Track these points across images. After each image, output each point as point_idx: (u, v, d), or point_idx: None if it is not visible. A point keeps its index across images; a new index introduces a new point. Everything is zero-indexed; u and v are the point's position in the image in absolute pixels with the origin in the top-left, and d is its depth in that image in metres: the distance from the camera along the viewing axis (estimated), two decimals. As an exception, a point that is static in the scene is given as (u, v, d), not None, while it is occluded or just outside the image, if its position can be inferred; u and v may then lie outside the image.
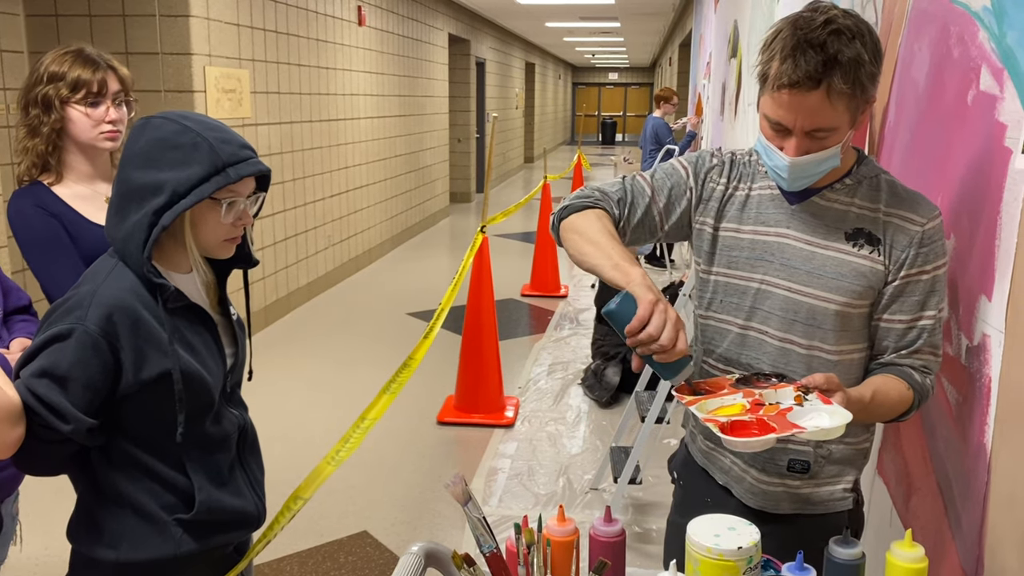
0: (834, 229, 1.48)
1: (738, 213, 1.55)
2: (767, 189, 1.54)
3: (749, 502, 1.60)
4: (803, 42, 1.32)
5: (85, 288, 1.39)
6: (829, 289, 1.46)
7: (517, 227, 11.00)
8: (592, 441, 4.28)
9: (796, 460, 1.55)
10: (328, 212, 7.33)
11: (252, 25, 5.78)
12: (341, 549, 3.22)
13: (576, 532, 1.32)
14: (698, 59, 9.37)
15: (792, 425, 1.26)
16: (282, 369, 5.24)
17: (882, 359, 1.52)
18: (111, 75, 2.01)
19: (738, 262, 1.53)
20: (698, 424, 1.65)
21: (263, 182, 1.51)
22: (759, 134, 1.48)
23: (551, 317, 6.65)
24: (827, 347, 1.49)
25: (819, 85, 1.32)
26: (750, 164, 1.58)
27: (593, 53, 24.22)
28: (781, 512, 1.58)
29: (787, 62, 1.33)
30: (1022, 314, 1.36)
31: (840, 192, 1.49)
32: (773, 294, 1.50)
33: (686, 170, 1.59)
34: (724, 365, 1.57)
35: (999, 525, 1.41)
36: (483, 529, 1.28)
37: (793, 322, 1.49)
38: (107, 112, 1.99)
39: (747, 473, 1.59)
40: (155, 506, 1.46)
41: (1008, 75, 1.43)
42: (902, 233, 1.45)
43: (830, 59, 1.31)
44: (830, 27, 1.32)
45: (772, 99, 1.39)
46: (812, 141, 1.39)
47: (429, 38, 10.53)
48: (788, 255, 1.49)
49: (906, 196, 1.48)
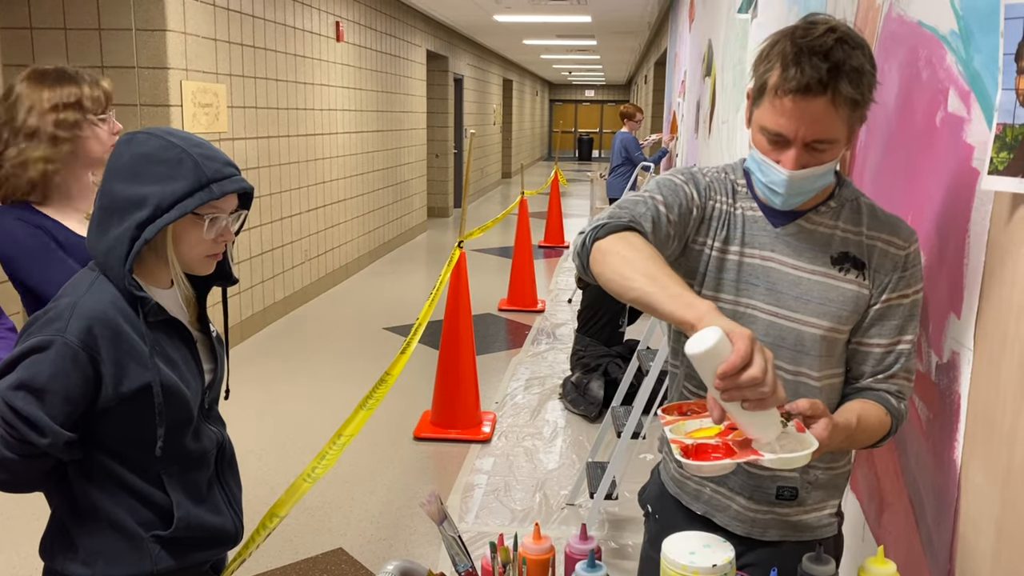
0: (820, 253, 1.45)
1: (728, 233, 1.50)
2: (749, 210, 1.50)
3: (736, 529, 1.56)
4: (807, 49, 1.29)
5: (65, 300, 1.38)
6: (816, 315, 1.44)
7: (495, 242, 11.02)
8: (569, 456, 4.29)
9: (784, 487, 1.52)
10: (305, 226, 7.31)
11: (229, 40, 5.77)
12: (316, 566, 3.20)
13: (552, 550, 1.32)
14: (673, 77, 9.46)
15: (752, 452, 1.21)
16: (258, 384, 5.20)
17: (858, 384, 1.50)
18: (99, 88, 1.99)
19: (724, 284, 1.48)
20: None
21: (246, 200, 1.52)
22: (751, 150, 1.44)
23: (528, 332, 6.66)
24: (813, 373, 1.47)
25: (825, 91, 1.28)
26: (729, 183, 1.54)
27: (570, 70, 24.36)
28: (768, 539, 1.56)
29: (791, 69, 1.29)
30: (991, 331, 1.38)
31: (825, 215, 1.46)
32: (758, 319, 1.47)
33: (688, 185, 1.50)
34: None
35: (970, 541, 1.43)
36: (458, 548, 1.28)
37: (779, 348, 1.45)
38: (114, 124, 1.98)
39: (733, 501, 1.55)
40: (132, 522, 1.45)
41: (975, 97, 1.46)
42: (886, 257, 1.45)
43: (836, 65, 1.28)
44: (834, 35, 1.29)
45: (773, 107, 1.34)
46: (811, 154, 1.35)
47: (407, 54, 10.56)
48: (774, 279, 1.46)
49: (886, 219, 1.48)
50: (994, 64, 1.39)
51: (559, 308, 7.42)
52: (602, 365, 4.88)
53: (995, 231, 1.38)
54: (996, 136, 1.32)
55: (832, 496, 1.58)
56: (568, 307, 7.44)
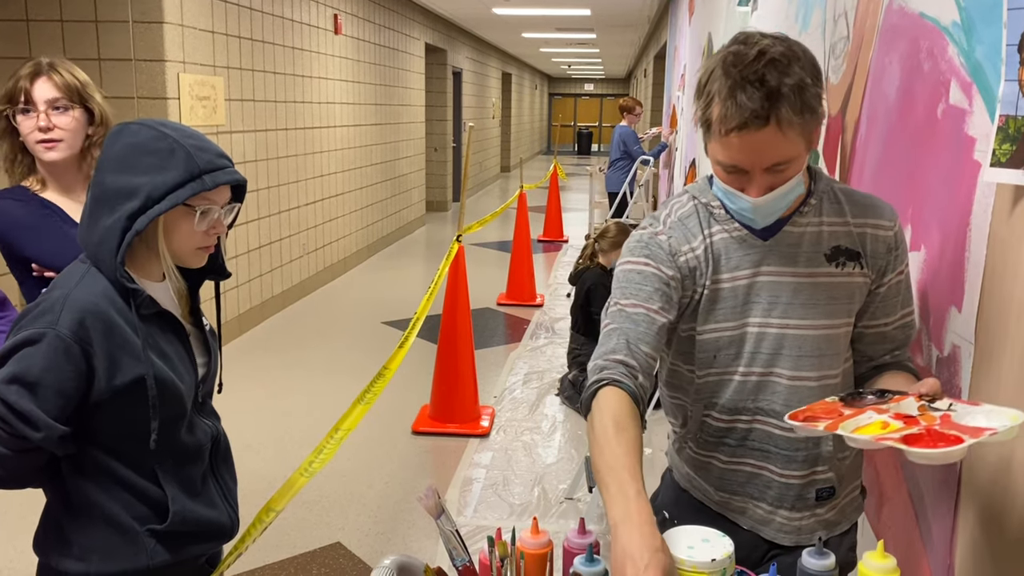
0: (814, 254, 1.44)
1: (713, 266, 1.45)
2: (732, 232, 1.45)
3: (784, 541, 1.53)
4: (740, 80, 1.25)
5: (57, 293, 1.37)
6: (828, 315, 1.43)
7: (493, 236, 11.00)
8: (567, 450, 4.28)
9: (823, 488, 1.51)
10: (303, 220, 7.30)
11: (227, 32, 5.74)
12: (314, 561, 3.19)
13: (550, 544, 1.31)
14: (673, 71, 9.44)
15: (979, 429, 1.14)
16: (255, 378, 5.19)
17: (873, 363, 1.53)
18: (42, 82, 1.96)
19: (724, 313, 1.45)
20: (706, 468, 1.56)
21: (239, 193, 1.50)
22: (715, 180, 1.42)
23: (527, 326, 6.65)
24: (834, 372, 1.47)
25: (767, 122, 1.25)
26: (699, 212, 1.48)
27: (569, 64, 24.32)
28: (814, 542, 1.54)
29: (728, 103, 1.26)
30: (991, 325, 1.37)
31: (808, 214, 1.44)
32: (769, 335, 1.44)
33: (653, 267, 1.44)
34: (731, 416, 1.49)
35: (970, 535, 1.42)
36: (456, 542, 1.27)
37: (800, 357, 1.44)
38: (37, 120, 1.95)
39: (776, 514, 1.52)
40: (127, 517, 1.44)
41: (977, 89, 1.45)
42: (878, 241, 1.45)
43: (772, 92, 1.24)
44: (764, 59, 1.26)
45: (721, 144, 1.32)
46: (773, 176, 1.33)
47: (406, 47, 10.53)
48: (775, 293, 1.43)
49: (866, 203, 1.48)
50: (996, 55, 1.37)
51: (558, 303, 7.42)
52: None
53: (997, 224, 1.37)
54: (999, 128, 1.31)
55: (856, 476, 1.60)
56: (567, 302, 7.43)
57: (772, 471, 1.50)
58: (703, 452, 1.56)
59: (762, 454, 1.50)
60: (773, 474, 1.50)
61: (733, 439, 1.51)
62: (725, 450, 1.53)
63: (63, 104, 1.97)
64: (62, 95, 1.97)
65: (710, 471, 1.56)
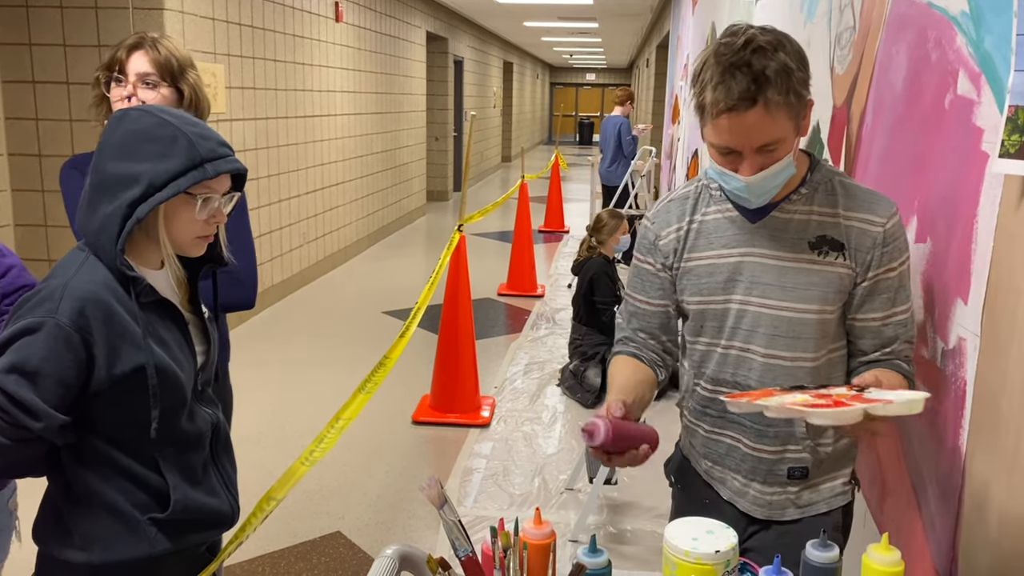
0: (798, 241, 1.51)
1: (695, 243, 1.59)
2: (725, 212, 1.57)
3: (756, 513, 1.63)
4: (729, 66, 1.36)
5: (56, 281, 1.36)
6: (804, 300, 1.50)
7: (494, 226, 10.98)
8: (568, 441, 4.28)
9: (795, 467, 1.59)
10: (303, 209, 7.28)
11: (228, 19, 5.71)
12: (314, 550, 3.19)
13: (553, 535, 1.31)
14: (676, 61, 9.40)
15: (877, 399, 1.24)
16: (255, 368, 5.19)
17: (865, 358, 1.56)
18: (139, 55, 1.97)
19: (709, 287, 1.57)
20: (694, 435, 1.70)
21: (239, 182, 1.49)
22: (711, 161, 1.50)
23: (528, 316, 6.65)
24: (808, 355, 1.53)
25: (755, 103, 1.36)
26: (698, 193, 1.62)
27: (571, 53, 24.24)
28: (787, 519, 1.62)
29: (719, 89, 1.37)
30: (998, 317, 1.37)
31: (798, 202, 1.52)
32: (749, 312, 1.54)
33: (656, 265, 1.65)
34: (713, 386, 1.61)
35: (973, 528, 1.41)
36: (459, 533, 1.27)
37: (774, 337, 1.53)
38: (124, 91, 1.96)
39: (749, 487, 1.62)
40: (128, 506, 1.43)
41: (985, 79, 1.43)
42: (865, 236, 1.49)
43: (759, 75, 1.35)
44: (751, 46, 1.36)
45: (714, 127, 1.42)
46: (764, 156, 1.42)
47: (407, 35, 10.49)
48: (757, 273, 1.52)
49: (863, 197, 1.51)
50: (1006, 45, 1.36)
51: (559, 293, 7.41)
52: (599, 353, 4.87)
53: (1004, 216, 1.36)
54: (1008, 118, 1.30)
55: (843, 465, 1.63)
56: (568, 292, 7.42)
57: (746, 444, 1.60)
58: (694, 420, 1.69)
59: (739, 427, 1.60)
60: (747, 447, 1.60)
61: (714, 410, 1.62)
62: (708, 420, 1.65)
63: (153, 80, 1.95)
64: (154, 71, 1.95)
65: (697, 438, 1.69)
